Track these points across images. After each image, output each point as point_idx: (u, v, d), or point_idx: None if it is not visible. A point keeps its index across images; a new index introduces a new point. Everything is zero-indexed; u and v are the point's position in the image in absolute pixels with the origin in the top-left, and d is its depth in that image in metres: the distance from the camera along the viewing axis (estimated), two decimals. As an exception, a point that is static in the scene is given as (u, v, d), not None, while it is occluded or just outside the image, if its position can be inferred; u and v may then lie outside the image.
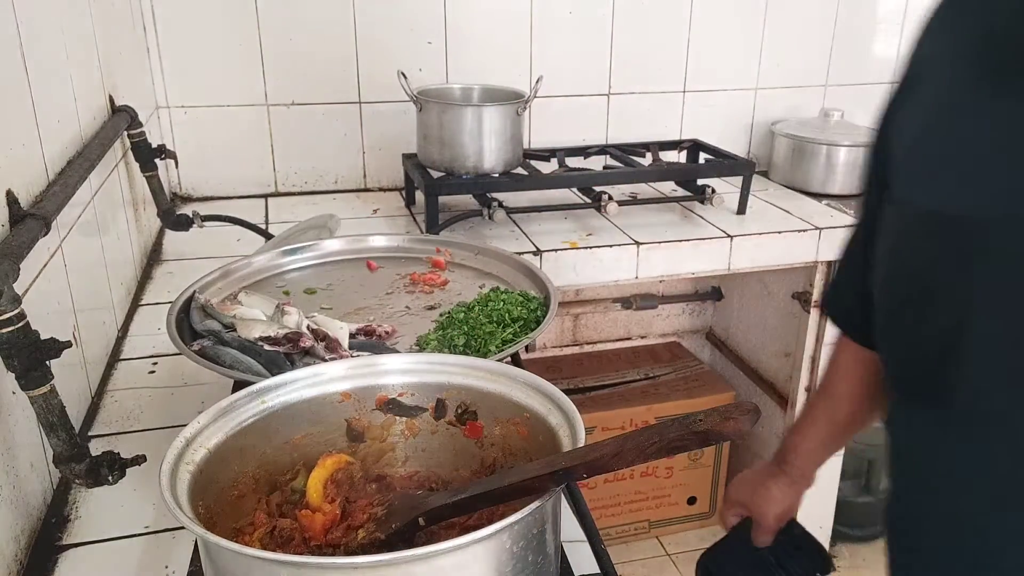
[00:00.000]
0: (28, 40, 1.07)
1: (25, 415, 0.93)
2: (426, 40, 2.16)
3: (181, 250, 1.82)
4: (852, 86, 2.50)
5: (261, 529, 0.74)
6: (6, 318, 0.80)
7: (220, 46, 2.04)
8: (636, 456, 0.61)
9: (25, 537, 0.92)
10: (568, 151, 2.19)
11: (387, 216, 2.08)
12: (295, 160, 2.20)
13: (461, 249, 1.39)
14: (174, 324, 1.08)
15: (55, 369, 0.86)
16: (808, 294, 2.11)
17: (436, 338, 1.11)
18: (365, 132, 2.22)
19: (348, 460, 0.80)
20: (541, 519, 0.66)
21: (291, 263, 1.35)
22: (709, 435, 0.60)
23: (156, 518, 0.97)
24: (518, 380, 0.80)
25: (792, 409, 2.22)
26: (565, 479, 0.63)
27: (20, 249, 0.88)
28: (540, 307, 1.16)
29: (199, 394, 1.23)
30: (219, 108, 2.10)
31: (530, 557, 0.65)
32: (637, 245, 1.87)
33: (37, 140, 1.08)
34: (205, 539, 0.59)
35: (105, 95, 1.51)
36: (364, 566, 0.58)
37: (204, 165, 2.14)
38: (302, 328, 1.06)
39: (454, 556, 0.59)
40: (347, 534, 0.73)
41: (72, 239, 1.19)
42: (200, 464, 0.71)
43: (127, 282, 1.55)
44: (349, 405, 0.83)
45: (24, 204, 0.99)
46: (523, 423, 0.78)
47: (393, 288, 1.29)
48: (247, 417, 0.78)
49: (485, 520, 0.73)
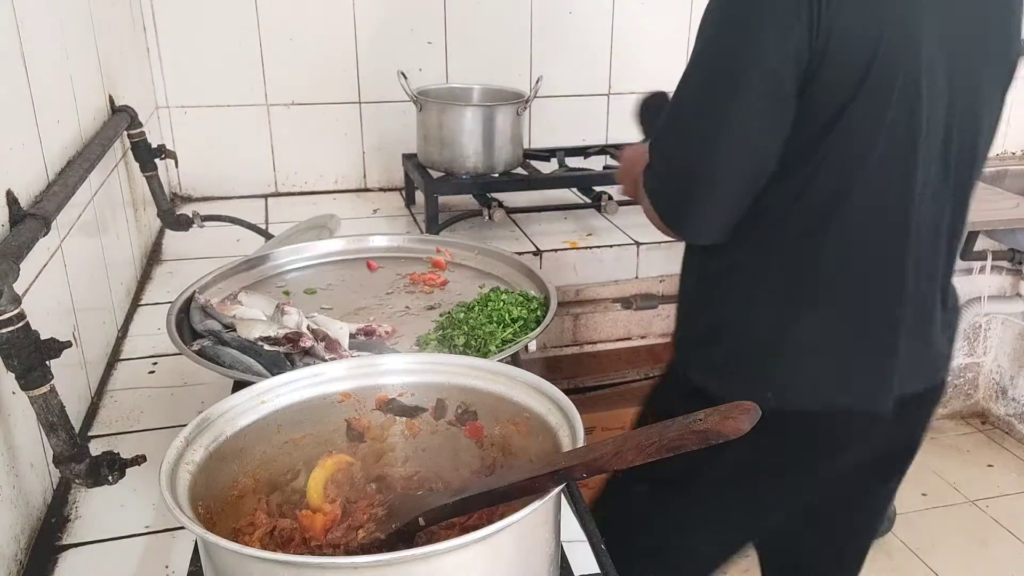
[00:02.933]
0: (28, 40, 1.07)
1: (25, 415, 0.93)
2: (426, 40, 2.16)
3: (181, 250, 1.82)
4: (852, 86, 2.50)
5: (261, 529, 0.74)
6: (6, 318, 0.80)
7: (220, 46, 2.04)
8: (636, 456, 0.61)
9: (25, 537, 0.92)
10: (568, 151, 2.19)
11: (387, 216, 2.08)
12: (295, 160, 2.20)
13: (461, 249, 1.39)
14: (174, 324, 1.08)
15: (55, 369, 0.86)
16: (808, 294, 2.11)
17: (436, 338, 1.11)
18: (365, 132, 2.22)
19: (348, 460, 0.80)
20: (541, 519, 0.66)
21: (291, 263, 1.35)
22: (709, 434, 0.59)
23: (156, 518, 0.97)
24: (518, 380, 0.80)
25: (792, 409, 2.22)
26: (565, 479, 0.63)
27: (20, 249, 0.88)
28: (540, 307, 1.16)
29: (199, 394, 1.23)
30: (219, 108, 2.10)
31: (530, 557, 0.65)
32: (637, 245, 1.87)
33: (37, 140, 1.08)
34: (205, 539, 0.59)
35: (105, 95, 1.51)
36: (364, 566, 0.58)
37: (204, 165, 2.14)
38: (302, 328, 1.06)
39: (454, 556, 0.59)
40: (347, 534, 0.73)
41: (72, 239, 1.19)
42: (200, 464, 0.71)
43: (127, 282, 1.55)
44: (349, 405, 0.83)
45: (24, 204, 0.99)
46: (523, 423, 0.78)
47: (393, 288, 1.29)
48: (247, 417, 0.78)
49: (485, 520, 0.73)
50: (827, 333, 1.10)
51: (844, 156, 1.02)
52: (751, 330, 1.13)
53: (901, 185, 1.05)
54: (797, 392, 1.11)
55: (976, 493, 2.70)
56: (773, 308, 1.11)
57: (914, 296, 1.11)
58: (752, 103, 0.99)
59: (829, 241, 1.06)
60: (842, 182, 1.03)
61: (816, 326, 1.10)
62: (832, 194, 1.04)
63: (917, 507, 2.63)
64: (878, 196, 1.05)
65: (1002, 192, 2.37)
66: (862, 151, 1.01)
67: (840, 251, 1.07)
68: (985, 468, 2.84)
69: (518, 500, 0.64)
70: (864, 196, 1.04)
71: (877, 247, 1.08)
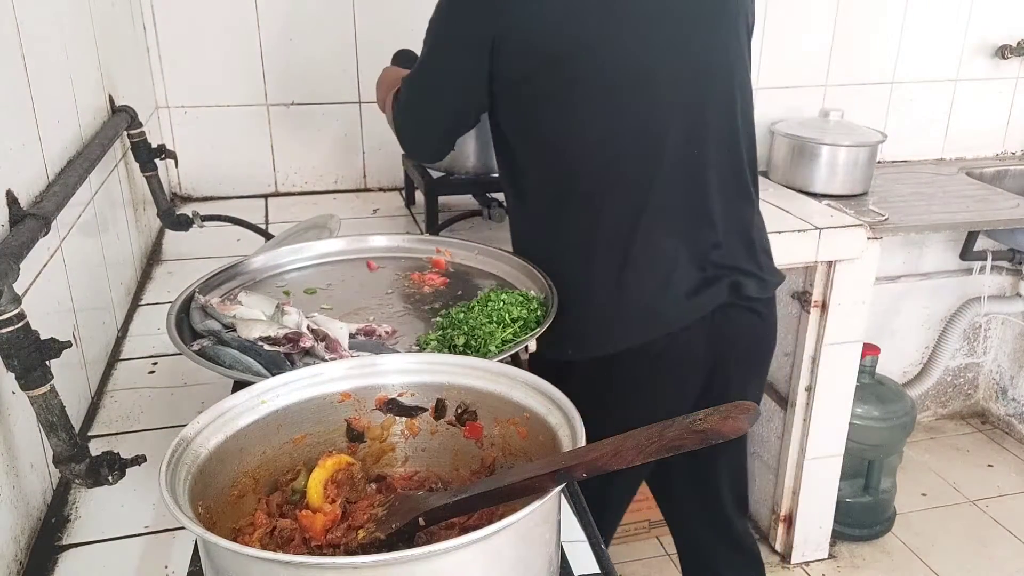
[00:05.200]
0: (28, 40, 1.07)
1: (25, 415, 0.93)
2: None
3: (181, 250, 1.82)
4: (852, 86, 2.51)
5: (261, 529, 0.74)
6: (6, 318, 0.80)
7: (220, 46, 2.04)
8: (636, 455, 0.61)
9: (25, 537, 0.92)
10: (568, 151, 2.19)
11: (387, 216, 2.08)
12: (295, 160, 2.20)
13: (461, 249, 1.39)
14: (174, 324, 1.08)
15: (55, 369, 0.86)
16: (808, 294, 2.11)
17: (436, 338, 1.11)
18: (365, 132, 2.22)
19: (348, 460, 0.80)
20: (541, 519, 0.66)
21: (291, 263, 1.35)
22: (708, 434, 0.60)
23: (156, 518, 0.97)
24: (518, 380, 0.80)
25: (792, 409, 2.22)
26: (565, 479, 0.63)
27: (20, 249, 0.88)
28: (540, 307, 1.16)
29: (199, 394, 1.23)
30: (219, 108, 2.10)
31: (530, 557, 0.65)
32: (637, 245, 1.87)
33: (37, 140, 1.08)
34: (205, 539, 0.59)
35: (105, 95, 1.51)
36: (364, 566, 0.58)
37: (204, 165, 2.14)
38: (302, 328, 1.06)
39: (454, 556, 0.59)
40: (347, 534, 0.73)
41: (72, 239, 1.19)
42: (200, 464, 0.71)
43: (127, 282, 1.55)
44: (349, 405, 0.83)
45: (24, 204, 0.99)
46: (523, 423, 0.78)
47: (393, 288, 1.29)
48: (247, 417, 0.78)
49: (485, 520, 0.73)
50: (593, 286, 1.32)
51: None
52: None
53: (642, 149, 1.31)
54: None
55: (976, 493, 2.70)
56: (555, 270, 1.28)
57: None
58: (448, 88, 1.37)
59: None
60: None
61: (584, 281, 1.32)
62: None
63: (917, 507, 2.63)
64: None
65: (1002, 192, 2.37)
66: (586, 125, 1.29)
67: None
68: (985, 468, 2.85)
69: (518, 500, 0.64)
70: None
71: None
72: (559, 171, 1.32)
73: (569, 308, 1.20)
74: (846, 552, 2.45)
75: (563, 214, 1.33)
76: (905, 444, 2.55)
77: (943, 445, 2.96)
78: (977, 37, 2.58)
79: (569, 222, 1.32)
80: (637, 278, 1.30)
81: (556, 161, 1.31)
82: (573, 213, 1.32)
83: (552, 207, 1.34)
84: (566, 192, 1.32)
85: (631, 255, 1.29)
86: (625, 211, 1.29)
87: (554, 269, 1.26)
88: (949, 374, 3.04)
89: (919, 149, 2.68)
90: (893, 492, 2.53)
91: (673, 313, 1.32)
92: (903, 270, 2.80)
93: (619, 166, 1.28)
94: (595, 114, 1.26)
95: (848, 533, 2.47)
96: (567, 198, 1.32)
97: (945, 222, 2.18)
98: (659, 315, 1.32)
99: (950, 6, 2.52)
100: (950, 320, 2.79)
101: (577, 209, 1.31)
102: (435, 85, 1.38)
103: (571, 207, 1.32)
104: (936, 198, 2.30)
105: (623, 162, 1.28)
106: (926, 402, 3.07)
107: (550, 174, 1.33)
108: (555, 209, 1.33)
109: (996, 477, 2.79)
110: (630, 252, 1.29)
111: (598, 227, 1.30)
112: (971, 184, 2.45)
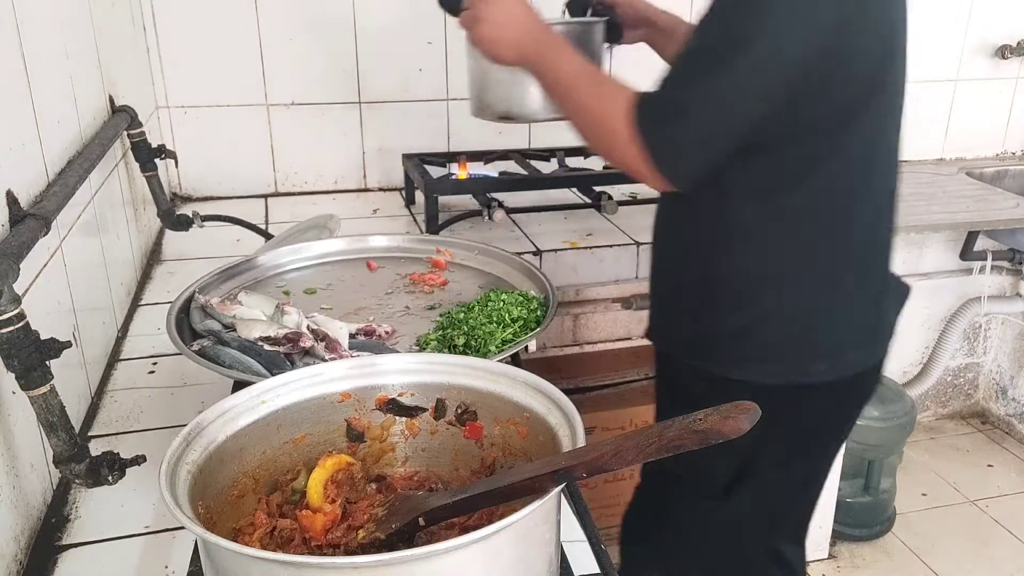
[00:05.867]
0: (28, 40, 1.07)
1: (25, 415, 0.93)
2: (426, 40, 2.16)
3: (181, 250, 1.82)
4: (852, 86, 2.50)
5: (261, 529, 0.74)
6: (6, 318, 0.80)
7: (220, 46, 2.04)
8: (636, 456, 0.61)
9: (25, 537, 0.92)
10: (568, 151, 2.19)
11: (387, 216, 2.08)
12: (295, 160, 2.20)
13: (461, 249, 1.39)
14: (174, 324, 1.08)
15: (55, 369, 0.86)
16: (808, 294, 2.11)
17: (436, 338, 1.11)
18: (365, 132, 2.22)
19: (348, 460, 0.80)
20: (541, 519, 0.66)
21: (291, 263, 1.35)
22: (708, 434, 0.60)
23: (156, 518, 0.97)
24: (518, 380, 0.80)
25: (792, 409, 2.22)
26: (565, 479, 0.63)
27: (20, 249, 0.88)
28: (540, 307, 1.16)
29: (199, 394, 1.23)
30: (219, 108, 2.10)
31: (530, 557, 0.65)
32: (637, 245, 1.87)
33: (37, 140, 1.08)
34: (205, 539, 0.59)
35: (105, 95, 1.51)
36: (364, 566, 0.58)
37: (204, 165, 2.14)
38: (302, 328, 1.06)
39: (454, 556, 0.59)
40: (347, 534, 0.73)
41: (72, 239, 1.19)
42: (200, 464, 0.71)
43: (127, 282, 1.55)
44: (349, 405, 0.83)
45: (24, 204, 0.99)
46: (523, 423, 0.78)
47: (393, 288, 1.29)
48: (247, 417, 0.78)
49: (485, 520, 0.73)
50: (855, 304, 1.23)
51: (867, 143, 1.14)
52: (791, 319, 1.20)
53: (893, 165, 1.22)
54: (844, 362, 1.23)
55: (976, 493, 2.70)
56: (808, 291, 1.19)
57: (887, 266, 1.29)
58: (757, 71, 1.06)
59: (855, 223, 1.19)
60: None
61: (846, 299, 1.21)
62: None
63: (917, 507, 2.63)
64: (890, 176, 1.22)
65: (1002, 192, 2.37)
66: (877, 138, 1.15)
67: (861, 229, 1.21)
68: (985, 468, 2.84)
69: (518, 500, 0.64)
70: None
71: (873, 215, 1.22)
72: (844, 180, 1.14)
73: (817, 326, 1.18)
74: (846, 552, 2.45)
75: (828, 224, 1.16)
76: (905, 444, 2.55)
77: (943, 445, 2.96)
78: (977, 37, 2.58)
79: (832, 234, 1.17)
80: (882, 296, 1.28)
81: (843, 171, 1.13)
82: (841, 224, 1.17)
83: (815, 214, 1.15)
84: (841, 204, 1.15)
85: (875, 270, 1.25)
86: (870, 227, 1.21)
87: (772, 284, 1.17)
88: (949, 374, 3.04)
89: (919, 149, 2.68)
90: (893, 492, 2.53)
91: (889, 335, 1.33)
92: (903, 270, 2.77)
93: (873, 183, 1.18)
94: (887, 127, 1.17)
95: (848, 533, 2.47)
96: (840, 208, 1.16)
97: (945, 222, 2.18)
98: (885, 336, 1.32)
99: (950, 6, 2.52)
100: (950, 320, 2.79)
101: (846, 220, 1.17)
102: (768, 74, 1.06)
103: (839, 217, 1.16)
104: (936, 198, 2.30)
105: (877, 179, 1.18)
106: (926, 402, 3.07)
107: (826, 182, 1.13)
108: (819, 217, 1.16)
109: (996, 477, 2.79)
110: (873, 268, 1.25)
111: (852, 243, 1.19)
112: (971, 184, 2.45)
